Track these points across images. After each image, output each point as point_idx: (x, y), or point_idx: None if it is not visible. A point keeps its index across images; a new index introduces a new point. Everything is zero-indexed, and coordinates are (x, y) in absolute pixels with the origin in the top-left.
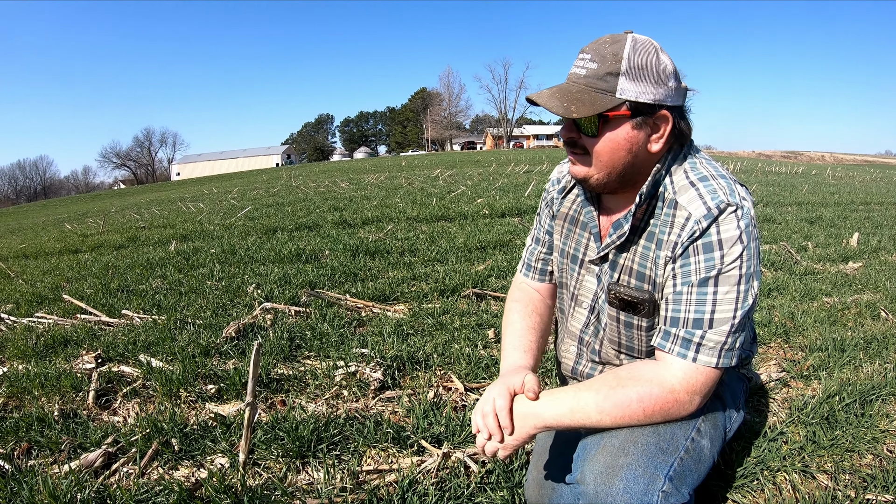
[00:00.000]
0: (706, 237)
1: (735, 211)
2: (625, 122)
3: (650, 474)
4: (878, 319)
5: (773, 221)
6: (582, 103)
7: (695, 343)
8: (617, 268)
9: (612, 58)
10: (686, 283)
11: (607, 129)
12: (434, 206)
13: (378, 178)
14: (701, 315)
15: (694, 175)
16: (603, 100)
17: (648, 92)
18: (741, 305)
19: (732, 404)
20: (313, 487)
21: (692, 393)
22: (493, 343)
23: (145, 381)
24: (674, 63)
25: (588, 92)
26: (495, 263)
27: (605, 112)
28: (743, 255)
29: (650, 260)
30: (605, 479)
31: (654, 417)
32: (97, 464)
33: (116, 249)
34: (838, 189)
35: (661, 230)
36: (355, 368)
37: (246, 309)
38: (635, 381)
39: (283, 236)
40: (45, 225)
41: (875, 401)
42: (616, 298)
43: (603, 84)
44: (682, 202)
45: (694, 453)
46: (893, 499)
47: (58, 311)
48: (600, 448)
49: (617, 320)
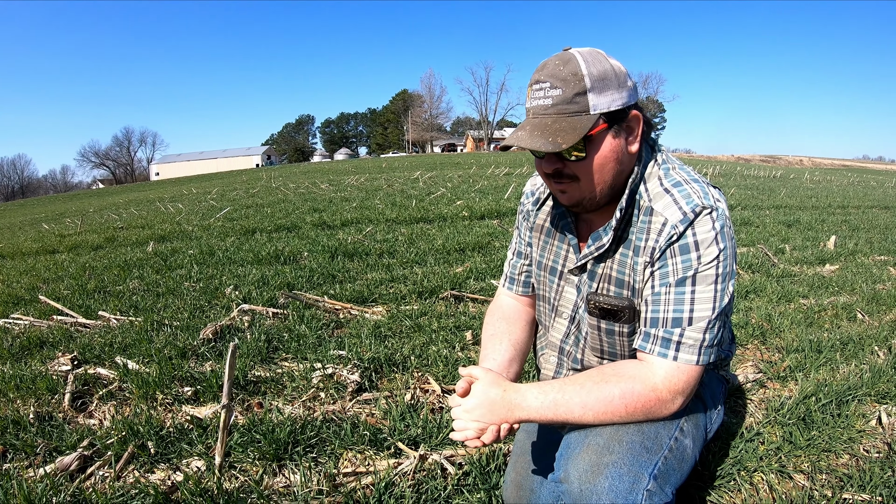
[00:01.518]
0: (683, 239)
1: (710, 213)
2: (605, 134)
3: (635, 473)
4: (855, 321)
5: (750, 224)
6: (565, 132)
7: (674, 342)
8: (596, 277)
9: (573, 78)
10: (664, 283)
11: (593, 149)
12: (413, 207)
13: (358, 179)
14: (679, 314)
15: (668, 181)
16: (581, 122)
17: (616, 99)
18: (718, 304)
19: (712, 405)
20: (290, 490)
21: (674, 392)
22: (471, 345)
23: (121, 384)
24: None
25: (564, 119)
26: (474, 265)
27: (589, 132)
28: (719, 255)
29: (628, 266)
30: (589, 477)
31: (636, 415)
32: (72, 467)
33: (94, 250)
34: (816, 193)
35: (637, 237)
36: (333, 370)
37: (223, 310)
38: (619, 377)
39: (262, 237)
40: (21, 225)
41: (851, 401)
42: (596, 308)
43: (574, 107)
44: (657, 209)
45: (677, 452)
46: (870, 498)
47: (34, 313)
48: (585, 447)
49: (598, 329)
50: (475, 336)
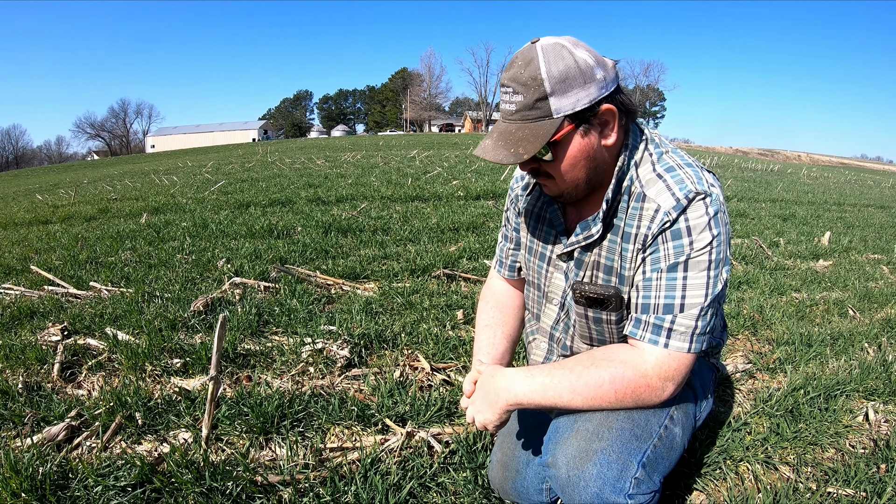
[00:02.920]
0: (675, 225)
1: (704, 199)
2: (572, 135)
3: (624, 460)
4: (846, 317)
5: (746, 216)
6: (526, 141)
7: (665, 328)
8: (582, 265)
9: (533, 82)
10: (655, 269)
11: (561, 151)
12: (409, 186)
13: (355, 156)
14: (671, 300)
15: (661, 166)
16: (543, 127)
17: (582, 98)
18: (711, 291)
19: (702, 393)
20: (276, 464)
21: (665, 379)
22: (462, 324)
23: (111, 355)
24: (591, 51)
25: (527, 126)
26: (467, 245)
27: (553, 138)
28: (712, 242)
29: (616, 253)
30: (578, 463)
31: (626, 401)
32: (60, 437)
33: (87, 221)
34: (813, 188)
35: (627, 224)
36: (322, 345)
37: (215, 283)
38: (609, 361)
39: (256, 211)
40: (15, 195)
41: (839, 396)
42: (582, 296)
43: (536, 112)
44: (650, 195)
45: (667, 441)
46: (854, 493)
47: (25, 283)
48: (573, 431)
49: (585, 317)
50: (466, 315)
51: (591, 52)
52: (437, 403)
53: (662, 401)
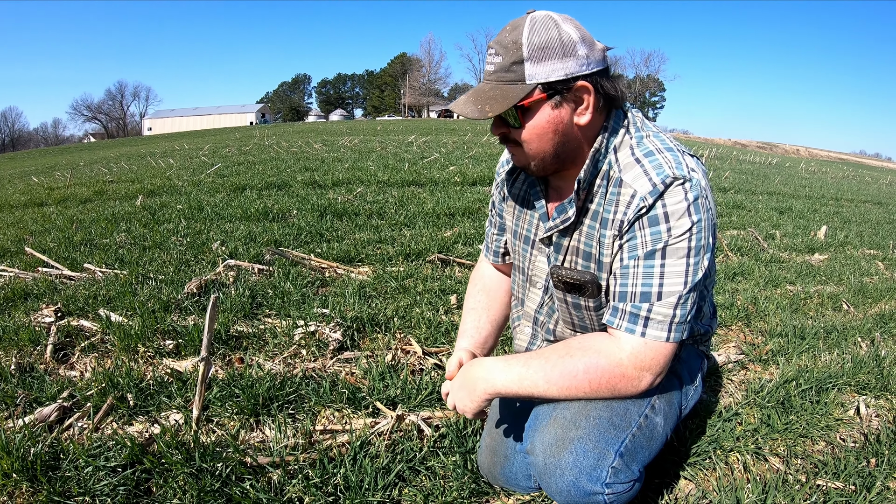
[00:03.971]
0: (652, 211)
1: (683, 184)
2: (542, 104)
3: (601, 449)
4: (840, 311)
5: (743, 208)
6: (494, 100)
7: (642, 317)
8: (561, 250)
9: (513, 46)
10: (633, 256)
11: (528, 117)
12: (406, 171)
13: (352, 141)
14: (648, 288)
15: (640, 151)
16: (514, 90)
17: (558, 69)
18: (691, 279)
19: (689, 381)
20: (266, 445)
21: (641, 369)
22: (455, 309)
23: (104, 336)
24: (581, 29)
25: (499, 87)
26: (463, 230)
27: (520, 102)
28: (692, 228)
29: (595, 239)
30: (554, 451)
31: (601, 391)
32: (52, 418)
33: (82, 203)
34: (810, 183)
35: (605, 209)
36: (315, 328)
37: (209, 265)
38: (584, 351)
39: (252, 194)
40: (11, 177)
41: (831, 389)
42: (560, 281)
43: (511, 75)
44: (626, 180)
45: (647, 430)
46: (843, 486)
47: (19, 264)
48: (551, 419)
49: (565, 302)
50: (459, 300)
51: (580, 30)
52: (428, 387)
53: (640, 391)
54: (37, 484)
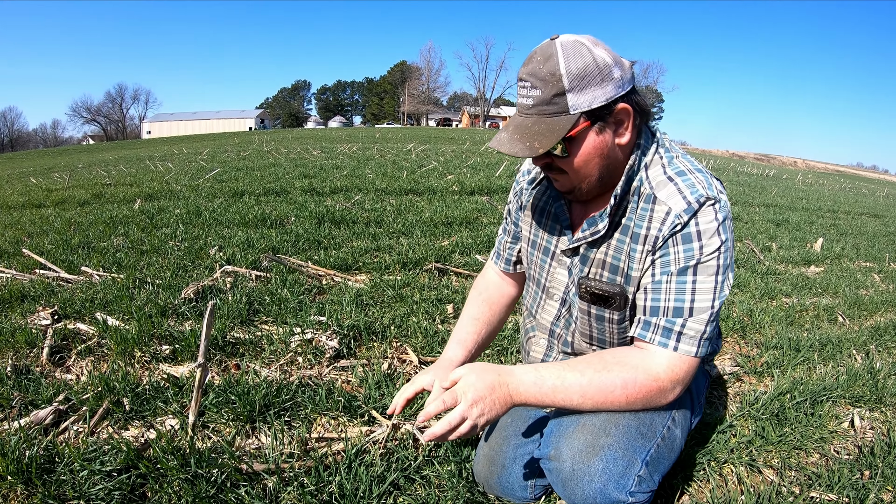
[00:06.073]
0: (686, 229)
1: (714, 204)
2: (587, 132)
3: (629, 458)
4: (835, 323)
5: (739, 220)
6: (543, 136)
7: (675, 332)
8: (588, 262)
9: (551, 77)
10: (665, 272)
11: (575, 147)
12: (404, 179)
13: (351, 148)
14: (681, 304)
15: (671, 170)
16: (559, 123)
17: (599, 96)
18: (718, 295)
19: (697, 398)
20: (261, 452)
21: (675, 382)
22: (452, 318)
23: (100, 340)
24: (610, 50)
25: (543, 121)
26: (460, 239)
27: (568, 134)
28: (720, 247)
29: (624, 253)
30: (584, 457)
31: (636, 405)
32: (47, 421)
33: (80, 205)
34: (807, 195)
35: (637, 224)
36: (312, 336)
37: (207, 271)
38: (621, 366)
39: (250, 200)
40: (9, 178)
41: (825, 402)
42: (587, 292)
43: (554, 108)
44: (661, 197)
45: (668, 441)
46: (837, 499)
47: (16, 266)
48: (579, 426)
49: (588, 314)
50: (456, 310)
51: (610, 52)
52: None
53: (669, 402)
54: (31, 487)
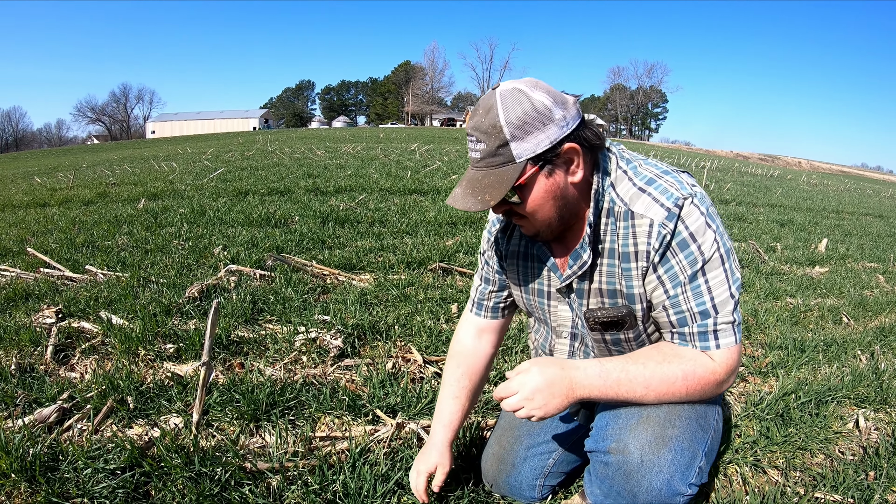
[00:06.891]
0: (677, 236)
1: (692, 201)
2: (537, 177)
3: (693, 449)
4: (840, 324)
5: (743, 220)
6: (492, 188)
7: (711, 332)
8: (584, 294)
9: (493, 129)
10: (677, 285)
11: (527, 193)
12: (408, 179)
13: (355, 148)
14: (704, 306)
15: (640, 180)
16: (507, 172)
17: (542, 140)
18: (732, 282)
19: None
20: (265, 451)
21: (729, 372)
22: (455, 318)
23: (104, 338)
24: (550, 90)
25: (492, 173)
26: (464, 239)
27: (516, 182)
28: (716, 237)
29: (617, 276)
30: (654, 448)
31: (693, 396)
32: (51, 419)
33: (85, 205)
34: (812, 195)
35: (622, 244)
36: (316, 335)
37: (211, 270)
38: (680, 358)
39: (255, 200)
40: (14, 177)
41: (830, 402)
42: (597, 323)
43: (500, 158)
44: (638, 210)
45: (717, 434)
46: (842, 499)
47: (21, 265)
48: (643, 418)
49: (603, 340)
50: (460, 309)
51: (550, 93)
52: (428, 395)
53: (723, 391)
54: (35, 485)
